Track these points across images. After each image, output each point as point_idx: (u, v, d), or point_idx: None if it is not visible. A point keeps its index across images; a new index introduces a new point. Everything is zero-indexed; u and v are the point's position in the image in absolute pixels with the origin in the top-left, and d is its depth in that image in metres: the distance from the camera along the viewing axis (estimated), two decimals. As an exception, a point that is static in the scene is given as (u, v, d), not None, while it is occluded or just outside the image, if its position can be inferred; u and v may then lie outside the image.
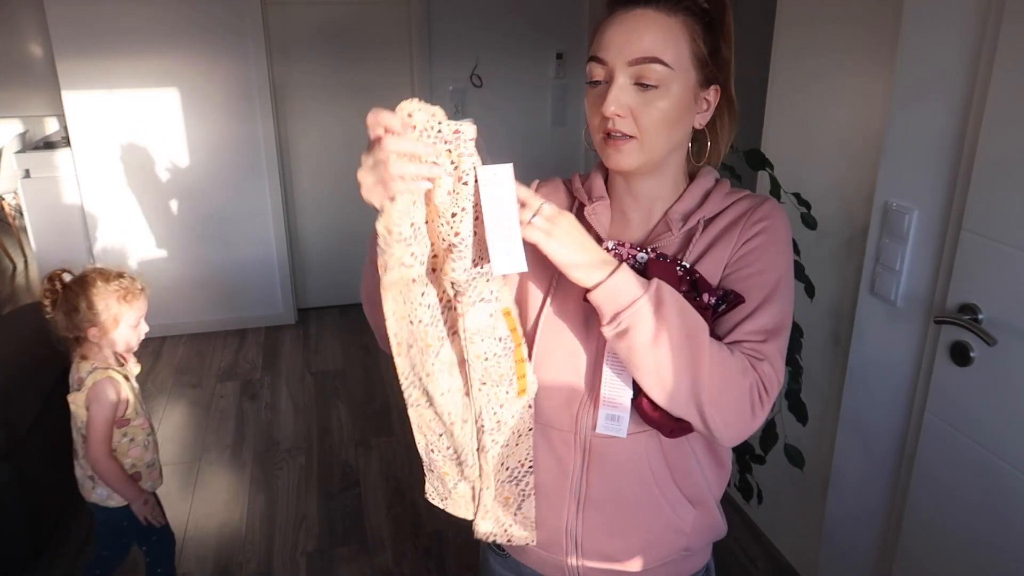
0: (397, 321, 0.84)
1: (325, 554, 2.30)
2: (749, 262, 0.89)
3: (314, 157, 4.00)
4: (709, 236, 0.91)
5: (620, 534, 0.95)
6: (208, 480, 2.67)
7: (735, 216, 0.92)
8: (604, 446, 0.92)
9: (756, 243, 0.90)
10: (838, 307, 1.89)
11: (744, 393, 0.83)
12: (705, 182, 0.95)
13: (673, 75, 0.84)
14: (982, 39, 1.30)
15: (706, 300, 0.85)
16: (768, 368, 0.85)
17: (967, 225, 1.33)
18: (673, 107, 0.85)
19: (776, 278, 0.89)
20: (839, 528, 1.85)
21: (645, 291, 0.79)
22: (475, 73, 3.96)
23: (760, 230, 0.90)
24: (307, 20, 3.76)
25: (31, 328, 2.49)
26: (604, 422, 0.89)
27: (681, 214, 0.93)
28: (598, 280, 0.78)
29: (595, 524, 0.95)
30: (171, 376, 3.47)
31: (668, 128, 0.87)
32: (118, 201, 3.70)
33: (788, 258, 0.92)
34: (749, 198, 0.94)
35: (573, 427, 0.93)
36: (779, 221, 0.92)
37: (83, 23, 3.39)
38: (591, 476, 0.93)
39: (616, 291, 0.78)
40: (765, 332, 0.86)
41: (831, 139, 1.87)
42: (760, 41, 2.18)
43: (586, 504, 0.94)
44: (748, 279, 0.88)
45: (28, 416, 2.11)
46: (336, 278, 4.21)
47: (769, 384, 0.85)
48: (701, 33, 0.86)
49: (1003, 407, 1.29)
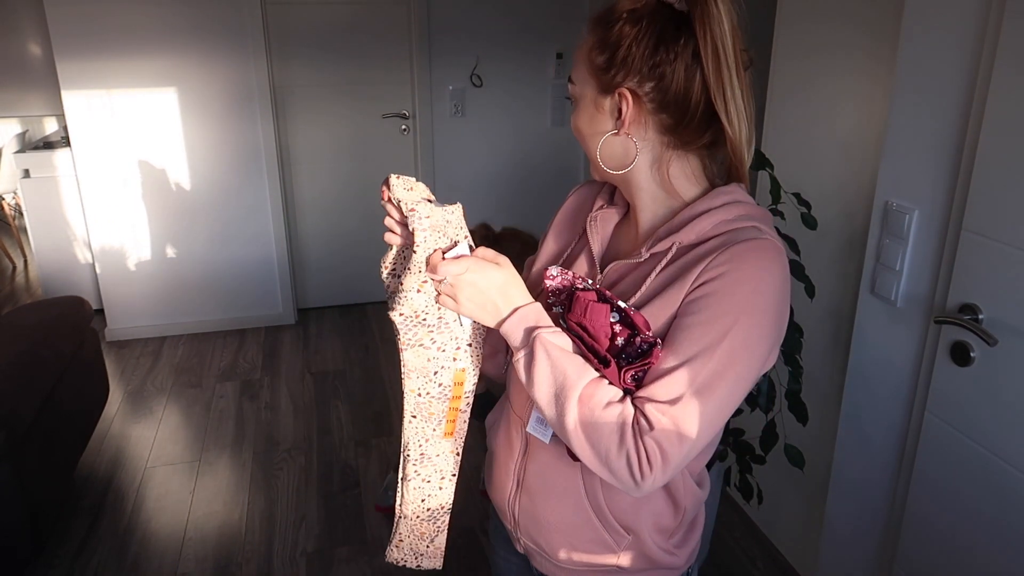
0: (407, 395, 0.98)
1: (325, 554, 2.30)
2: (694, 310, 0.82)
3: (314, 157, 4.00)
4: (672, 270, 0.87)
5: (544, 524, 1.01)
6: (208, 480, 2.67)
7: (705, 251, 0.84)
8: (537, 441, 0.98)
9: (707, 290, 0.82)
10: (838, 307, 1.89)
11: (614, 460, 0.81)
12: (701, 204, 0.89)
13: (577, 89, 0.93)
14: (982, 39, 1.30)
15: (637, 343, 0.82)
16: (655, 440, 0.79)
17: (967, 225, 1.33)
18: (579, 117, 0.93)
19: (720, 333, 0.80)
20: (839, 528, 1.85)
21: (523, 346, 0.86)
22: (475, 73, 3.96)
23: (717, 275, 0.82)
24: (307, 20, 3.76)
25: (31, 328, 2.49)
26: (533, 423, 0.97)
27: (657, 236, 0.90)
28: (493, 327, 0.89)
29: (526, 507, 1.03)
30: (171, 376, 3.47)
31: (583, 137, 0.94)
32: (118, 201, 3.70)
33: (752, 314, 0.82)
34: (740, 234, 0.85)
35: (524, 416, 1.00)
36: (750, 271, 0.82)
37: (83, 23, 3.39)
38: (528, 464, 1.01)
39: (507, 337, 0.88)
40: (678, 394, 0.80)
41: (831, 139, 1.87)
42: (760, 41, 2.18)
43: (522, 488, 1.02)
44: (687, 330, 0.82)
45: (28, 416, 2.11)
46: (336, 278, 4.21)
47: (653, 456, 0.79)
48: (596, 46, 0.89)
49: (1003, 407, 1.29)
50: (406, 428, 0.99)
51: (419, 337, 0.92)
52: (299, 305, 4.16)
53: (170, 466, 2.76)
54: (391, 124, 4.04)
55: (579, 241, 1.03)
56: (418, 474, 1.02)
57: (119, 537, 2.37)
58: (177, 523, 2.44)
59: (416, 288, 0.89)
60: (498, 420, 1.10)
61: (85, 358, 2.63)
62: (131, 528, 2.41)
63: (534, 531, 1.03)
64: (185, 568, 2.24)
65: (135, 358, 3.67)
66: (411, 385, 0.95)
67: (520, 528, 1.05)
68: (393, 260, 0.96)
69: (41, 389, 2.25)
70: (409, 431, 0.99)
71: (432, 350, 0.93)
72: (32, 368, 2.27)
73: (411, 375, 0.94)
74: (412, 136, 4.06)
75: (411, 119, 4.03)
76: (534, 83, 4.07)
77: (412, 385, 0.95)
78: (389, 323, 0.93)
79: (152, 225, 3.77)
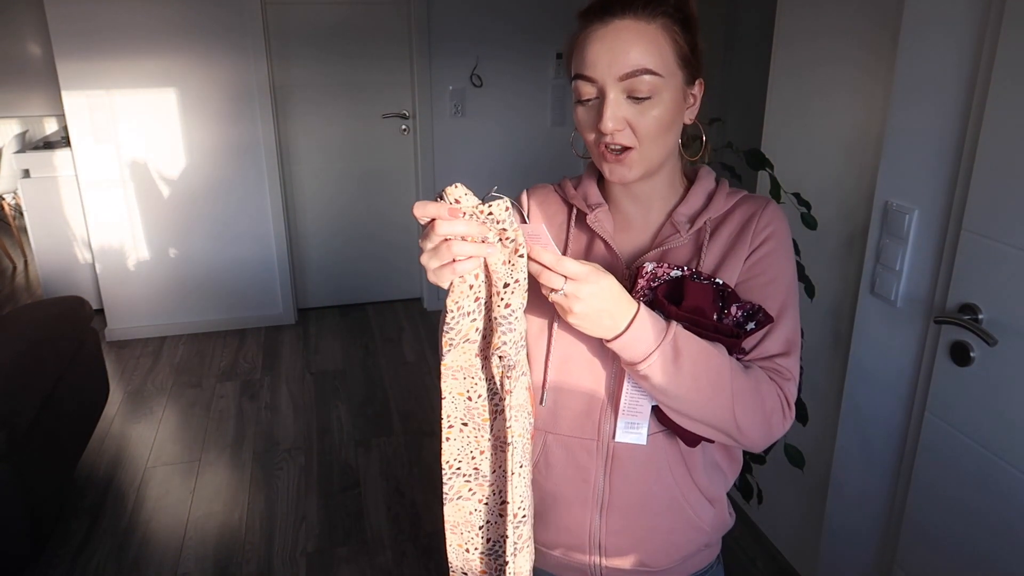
0: (453, 400, 0.85)
1: (325, 554, 2.30)
2: (760, 271, 0.90)
3: (314, 157, 4.00)
4: (720, 241, 0.92)
5: (643, 536, 0.96)
6: (208, 480, 2.67)
7: (741, 220, 0.92)
8: (625, 450, 0.92)
9: (765, 250, 0.91)
10: (838, 307, 1.89)
11: (770, 415, 0.87)
12: (707, 183, 0.96)
13: (664, 82, 0.84)
14: (982, 39, 1.30)
15: (734, 313, 0.86)
16: (792, 385, 0.89)
17: (967, 225, 1.33)
18: (667, 112, 0.85)
19: (787, 286, 0.91)
20: (839, 528, 1.85)
21: (659, 341, 0.79)
22: (475, 73, 3.96)
23: (768, 236, 0.91)
24: (307, 20, 3.76)
25: (31, 328, 2.49)
26: (623, 430, 0.90)
27: (687, 215, 0.93)
28: (614, 335, 0.79)
29: (618, 528, 0.95)
30: (171, 376, 3.47)
31: (665, 133, 0.87)
32: (118, 201, 3.70)
33: (793, 262, 0.93)
34: (751, 200, 0.95)
35: (595, 434, 0.93)
36: (783, 225, 0.93)
37: (83, 23, 3.39)
38: (613, 481, 0.94)
39: (632, 343, 0.79)
40: (787, 344, 0.90)
41: (831, 139, 1.87)
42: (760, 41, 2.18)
43: (609, 509, 0.95)
44: (762, 289, 0.90)
45: (28, 416, 2.11)
46: (336, 278, 4.22)
47: (792, 397, 0.89)
48: (680, 33, 0.85)
49: (1003, 407, 1.29)
50: (516, 484, 0.83)
51: (524, 364, 0.82)
52: (299, 305, 4.16)
53: (170, 466, 2.76)
54: (391, 124, 4.04)
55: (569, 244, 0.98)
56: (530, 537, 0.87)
57: (119, 537, 2.37)
58: (177, 523, 2.44)
59: (523, 303, 0.77)
60: (541, 462, 0.97)
61: (85, 358, 2.63)
62: (131, 528, 2.41)
63: (629, 548, 0.96)
64: (185, 568, 2.24)
65: (135, 358, 3.67)
66: (518, 428, 0.82)
67: (608, 553, 0.97)
68: (465, 292, 0.78)
69: (41, 389, 2.25)
70: (519, 486, 0.83)
71: (528, 376, 0.84)
72: (32, 368, 2.27)
73: (518, 415, 0.82)
74: (412, 136, 4.06)
75: (411, 119, 4.03)
76: (534, 83, 4.07)
77: (520, 428, 0.82)
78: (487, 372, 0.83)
79: (152, 225, 3.77)
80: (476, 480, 0.88)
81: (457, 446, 0.87)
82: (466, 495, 0.89)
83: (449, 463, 0.87)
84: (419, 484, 2.65)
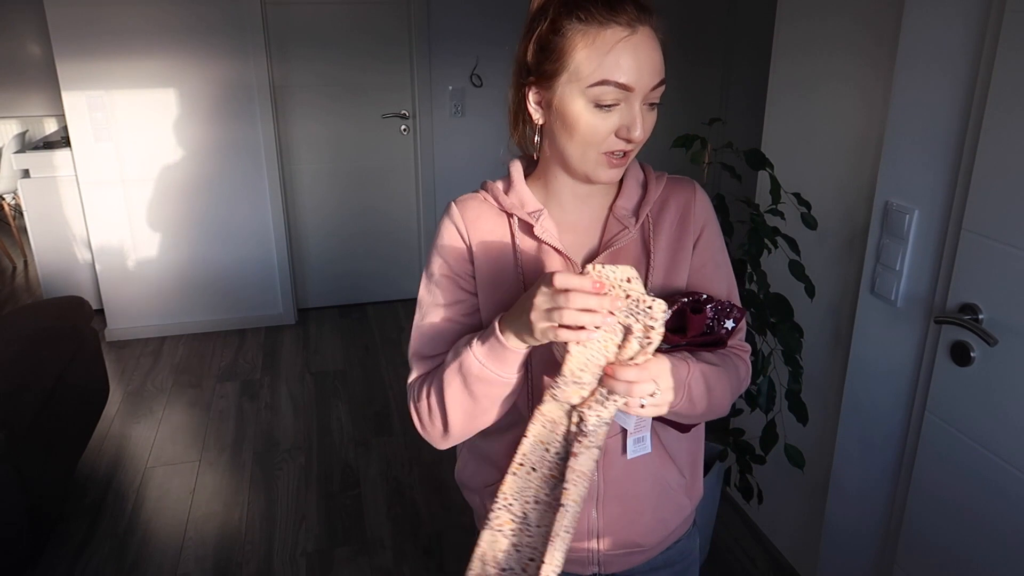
0: (533, 444, 0.86)
1: (325, 554, 2.30)
2: (708, 257, 0.98)
3: (314, 157, 4.00)
4: (664, 234, 0.96)
5: (634, 519, 1.02)
6: (208, 480, 2.67)
7: (678, 210, 0.97)
8: (611, 446, 0.97)
9: (707, 236, 0.98)
10: (838, 307, 1.89)
11: (743, 384, 1.01)
12: (637, 172, 0.99)
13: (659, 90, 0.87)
14: (983, 39, 1.30)
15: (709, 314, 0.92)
16: (746, 352, 1.02)
17: (967, 225, 1.33)
18: None
19: (728, 266, 1.00)
20: (839, 528, 1.85)
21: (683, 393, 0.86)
22: (475, 73, 3.96)
23: (705, 222, 0.98)
24: (307, 20, 3.76)
25: (31, 328, 2.49)
26: (633, 447, 0.97)
27: (628, 209, 0.96)
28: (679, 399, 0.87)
29: (614, 515, 1.01)
30: (171, 376, 3.47)
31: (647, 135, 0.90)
32: (118, 201, 3.70)
33: (723, 239, 1.02)
34: (679, 184, 0.99)
35: None
36: (711, 206, 1.00)
37: (83, 23, 3.39)
38: (607, 475, 0.99)
39: None
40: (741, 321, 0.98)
41: (831, 139, 1.87)
42: (760, 41, 2.18)
43: (604, 500, 1.00)
44: (713, 274, 0.98)
45: (28, 416, 2.11)
46: (336, 278, 4.21)
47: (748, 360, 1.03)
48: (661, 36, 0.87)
49: (1003, 407, 1.29)
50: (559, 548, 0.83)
51: (600, 439, 0.84)
52: (299, 305, 4.16)
53: (170, 466, 2.76)
54: (391, 124, 4.04)
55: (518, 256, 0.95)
56: None
57: (119, 537, 2.37)
58: (177, 523, 2.43)
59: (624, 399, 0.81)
60: None
61: (85, 358, 2.63)
62: (131, 528, 2.41)
63: (625, 530, 1.02)
64: (185, 568, 2.24)
65: (135, 358, 3.67)
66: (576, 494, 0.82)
67: (604, 540, 1.02)
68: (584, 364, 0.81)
69: (41, 389, 2.25)
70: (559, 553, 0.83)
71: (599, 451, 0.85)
72: (32, 368, 2.27)
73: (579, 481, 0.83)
74: (412, 136, 4.06)
75: (411, 119, 4.03)
76: (534, 83, 4.07)
77: (577, 494, 0.82)
78: None
79: (152, 225, 3.77)
80: (520, 524, 0.88)
81: (519, 485, 0.87)
82: (506, 533, 0.88)
83: (505, 495, 0.87)
84: (419, 484, 2.65)
